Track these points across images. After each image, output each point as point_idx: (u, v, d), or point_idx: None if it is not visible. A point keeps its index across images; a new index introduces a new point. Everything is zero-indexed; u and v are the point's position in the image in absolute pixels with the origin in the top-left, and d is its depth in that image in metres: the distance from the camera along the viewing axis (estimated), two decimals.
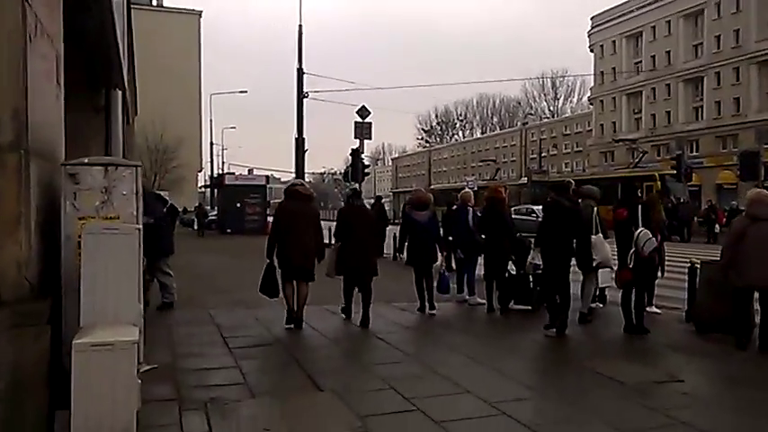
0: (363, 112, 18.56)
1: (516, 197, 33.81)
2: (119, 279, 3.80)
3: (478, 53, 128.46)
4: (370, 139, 18.72)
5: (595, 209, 8.02)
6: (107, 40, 6.67)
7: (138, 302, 3.98)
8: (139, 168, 4.35)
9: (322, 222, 7.63)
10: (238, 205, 27.51)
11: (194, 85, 67.09)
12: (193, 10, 73.17)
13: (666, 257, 8.11)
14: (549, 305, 7.19)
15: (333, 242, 7.97)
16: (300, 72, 23.32)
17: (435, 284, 8.45)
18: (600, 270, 7.90)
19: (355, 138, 18.59)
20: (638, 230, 6.93)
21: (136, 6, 55.31)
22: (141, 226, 4.22)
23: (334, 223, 7.95)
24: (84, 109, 9.11)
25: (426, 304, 8.32)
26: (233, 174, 37.91)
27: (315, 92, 23.69)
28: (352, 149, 18.63)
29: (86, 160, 4.23)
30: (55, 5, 4.32)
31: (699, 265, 7.57)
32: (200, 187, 42.09)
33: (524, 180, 36.14)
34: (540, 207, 11.45)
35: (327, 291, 8.00)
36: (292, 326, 7.20)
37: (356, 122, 18.53)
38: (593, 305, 8.30)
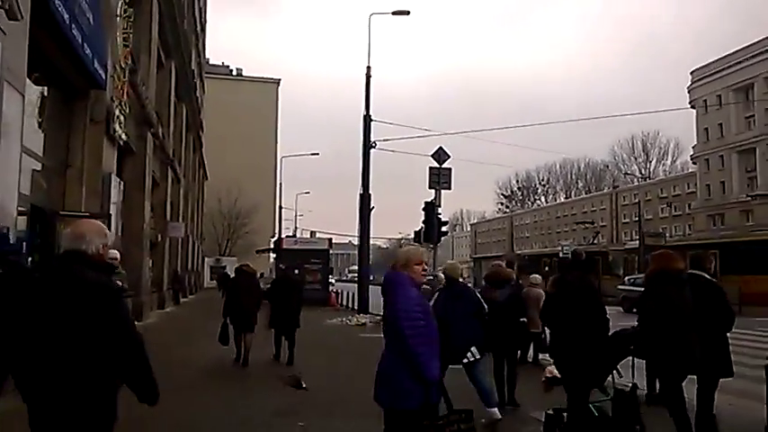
0: (441, 155, 14.81)
1: (623, 265, 28.79)
2: None
3: (560, 116, 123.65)
4: (448, 188, 14.86)
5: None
6: None
7: None
8: None
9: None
10: (296, 272, 24.01)
11: (270, 151, 66.79)
12: (272, 78, 73.87)
13: None
14: None
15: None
16: (367, 119, 20.21)
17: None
18: None
19: (430, 188, 14.83)
20: None
21: (211, 76, 55.88)
22: None
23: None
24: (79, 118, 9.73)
25: (506, 397, 6.85)
26: (293, 237, 34.71)
27: (384, 140, 20.37)
28: (426, 203, 14.87)
29: None
30: None
31: None
32: (257, 252, 39.00)
33: (632, 244, 30.92)
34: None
35: None
36: (239, 362, 9.65)
37: (431, 168, 14.80)
38: None
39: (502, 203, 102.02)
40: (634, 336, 5.29)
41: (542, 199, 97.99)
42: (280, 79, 73.94)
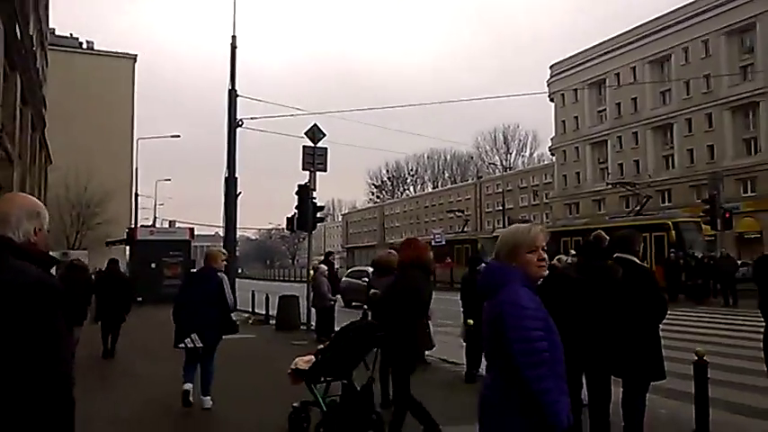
0: (315, 132, 13.36)
1: (492, 252, 28.94)
2: None
3: (427, 108, 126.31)
4: (324, 170, 13.44)
5: None
6: None
7: None
8: None
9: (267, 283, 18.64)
10: (153, 266, 21.42)
11: (126, 134, 61.39)
12: (128, 53, 68.02)
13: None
14: None
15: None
16: (233, 94, 18.25)
17: None
18: None
19: (304, 169, 13.35)
20: None
21: (57, 48, 49.88)
22: None
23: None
24: None
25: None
26: (149, 227, 31.56)
27: (251, 118, 18.53)
28: (300, 186, 13.41)
29: None
30: None
31: None
32: (107, 243, 34.60)
33: (501, 232, 31.33)
34: None
35: None
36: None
37: (305, 147, 13.32)
38: None
39: (373, 193, 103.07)
40: (375, 328, 5.10)
41: (411, 189, 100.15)
42: (136, 55, 68.18)
